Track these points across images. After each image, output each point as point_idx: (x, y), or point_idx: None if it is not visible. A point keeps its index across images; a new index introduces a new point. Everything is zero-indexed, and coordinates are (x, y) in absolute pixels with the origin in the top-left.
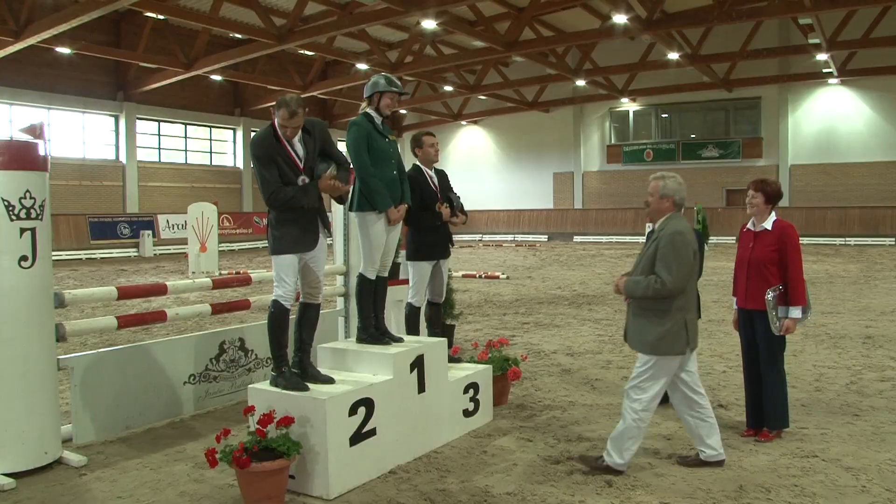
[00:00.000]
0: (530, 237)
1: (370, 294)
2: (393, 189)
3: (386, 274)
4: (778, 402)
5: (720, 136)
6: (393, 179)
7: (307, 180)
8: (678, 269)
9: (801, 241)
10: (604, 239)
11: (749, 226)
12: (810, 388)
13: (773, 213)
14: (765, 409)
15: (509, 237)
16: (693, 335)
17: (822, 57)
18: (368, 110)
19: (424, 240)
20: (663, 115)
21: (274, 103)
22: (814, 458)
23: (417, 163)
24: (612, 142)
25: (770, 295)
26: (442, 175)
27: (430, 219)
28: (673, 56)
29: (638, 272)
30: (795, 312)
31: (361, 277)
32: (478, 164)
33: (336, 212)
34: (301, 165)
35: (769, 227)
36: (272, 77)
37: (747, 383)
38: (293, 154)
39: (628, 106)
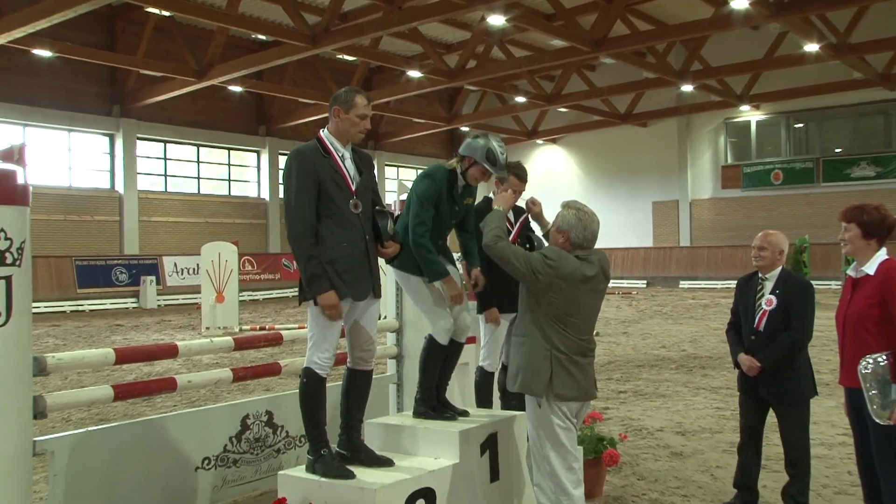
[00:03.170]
0: (625, 283)
1: (439, 361)
2: None
3: (463, 340)
4: None
5: (878, 150)
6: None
7: (359, 205)
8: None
9: None
10: (719, 284)
11: (850, 271)
12: None
13: (884, 252)
14: None
15: None
16: (563, 381)
17: None
18: (456, 167)
19: (501, 288)
20: (797, 126)
21: (338, 98)
22: None
23: (492, 195)
24: (729, 161)
25: (866, 367)
26: (522, 213)
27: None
28: (811, 48)
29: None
30: None
31: (432, 341)
32: (557, 193)
33: None
34: (353, 188)
35: (871, 272)
36: (304, 88)
37: (864, 487)
38: (345, 172)
39: (749, 115)
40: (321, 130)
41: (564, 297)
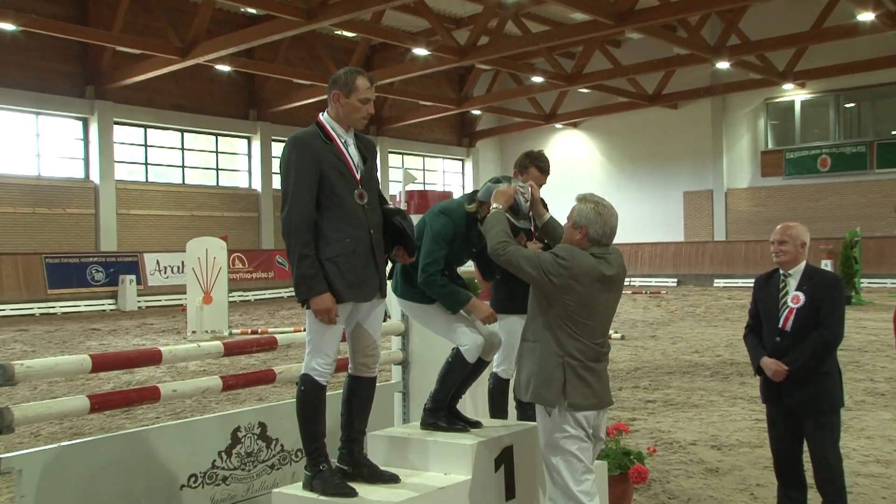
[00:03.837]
0: (653, 281)
1: (461, 377)
2: None
3: (491, 358)
4: None
5: None
6: None
7: (365, 196)
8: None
9: None
10: None
11: None
12: None
13: None
14: None
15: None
16: (577, 389)
17: None
18: (477, 213)
19: (516, 286)
20: (847, 105)
21: (339, 78)
22: None
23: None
24: (769, 146)
25: None
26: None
27: None
28: (865, 17)
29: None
30: None
31: (458, 355)
32: (578, 182)
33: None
34: (358, 177)
35: None
36: (299, 67)
37: None
38: (350, 159)
39: (793, 94)
40: (321, 114)
41: (578, 298)
